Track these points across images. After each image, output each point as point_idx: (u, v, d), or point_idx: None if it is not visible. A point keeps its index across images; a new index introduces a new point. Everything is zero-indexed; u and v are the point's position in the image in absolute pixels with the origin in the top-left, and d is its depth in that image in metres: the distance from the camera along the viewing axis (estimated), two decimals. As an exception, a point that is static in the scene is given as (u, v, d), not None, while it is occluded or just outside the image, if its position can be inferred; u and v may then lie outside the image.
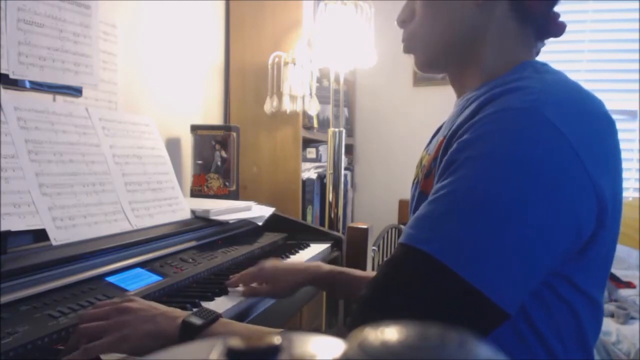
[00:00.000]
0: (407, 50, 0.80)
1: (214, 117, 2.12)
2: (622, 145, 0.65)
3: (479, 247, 0.55)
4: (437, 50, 0.76)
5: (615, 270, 2.12)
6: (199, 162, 1.70)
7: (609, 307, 2.01)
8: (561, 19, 0.75)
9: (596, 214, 0.60)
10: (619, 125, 0.65)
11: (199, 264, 1.08)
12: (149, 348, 0.64)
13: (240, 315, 0.93)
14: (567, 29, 0.75)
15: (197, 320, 0.66)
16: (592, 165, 0.58)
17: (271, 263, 1.04)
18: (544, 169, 0.56)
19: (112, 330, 0.65)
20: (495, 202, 0.56)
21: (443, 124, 0.86)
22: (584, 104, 0.62)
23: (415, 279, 0.57)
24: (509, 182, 0.56)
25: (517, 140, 0.57)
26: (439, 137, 0.73)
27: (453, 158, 0.60)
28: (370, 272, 1.10)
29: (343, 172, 2.05)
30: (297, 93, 2.01)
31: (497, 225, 0.55)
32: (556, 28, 0.73)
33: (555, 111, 0.58)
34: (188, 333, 0.65)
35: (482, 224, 0.55)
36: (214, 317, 0.68)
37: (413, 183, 0.83)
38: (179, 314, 0.69)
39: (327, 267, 1.04)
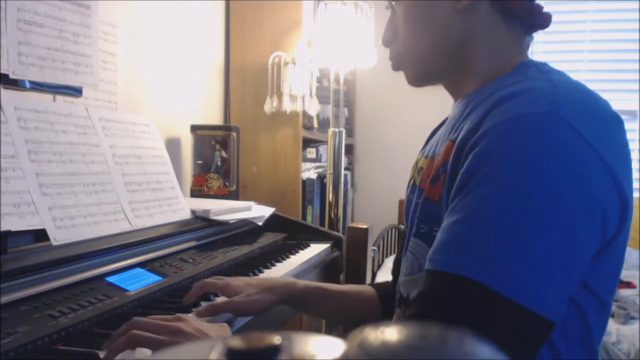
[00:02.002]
0: (397, 67, 0.80)
1: (214, 117, 2.12)
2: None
3: (517, 263, 0.54)
4: (427, 63, 0.75)
5: (615, 270, 2.12)
6: (199, 162, 1.70)
7: (609, 307, 2.01)
8: (561, 19, 0.75)
9: (619, 209, 0.59)
10: (619, 125, 0.65)
11: (199, 264, 1.08)
12: None
13: (240, 316, 0.93)
14: (567, 28, 0.75)
15: None
16: (613, 165, 0.57)
17: (238, 279, 0.91)
18: (571, 175, 0.55)
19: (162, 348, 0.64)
20: (525, 215, 0.55)
21: (438, 127, 0.86)
22: (595, 104, 0.62)
23: (459, 305, 0.56)
24: (538, 194, 0.55)
25: (540, 148, 0.56)
26: (445, 141, 0.70)
27: (473, 170, 0.58)
28: (347, 286, 1.02)
29: (343, 172, 2.05)
30: (297, 93, 2.01)
31: (531, 239, 0.54)
32: (542, 20, 0.72)
33: (572, 113, 0.57)
34: None
35: (516, 240, 0.54)
36: None
37: (408, 186, 0.81)
38: None
39: (303, 282, 0.94)
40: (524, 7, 0.70)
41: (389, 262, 2.47)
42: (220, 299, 0.88)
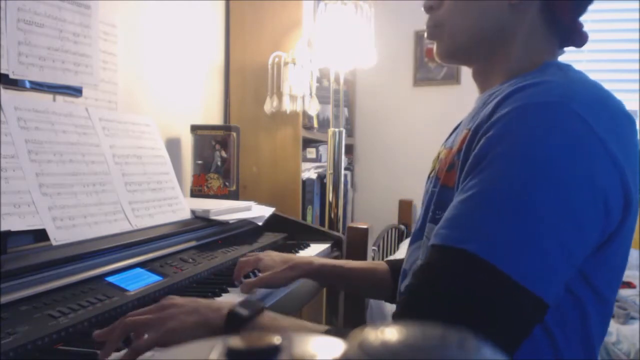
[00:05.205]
0: (432, 37, 0.80)
1: (214, 117, 2.12)
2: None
3: (516, 242, 0.56)
4: (464, 43, 0.76)
5: (615, 270, 2.12)
6: (199, 162, 1.70)
7: (609, 307, 2.01)
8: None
9: (622, 204, 0.60)
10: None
11: (199, 264, 1.08)
12: (197, 339, 0.64)
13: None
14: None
15: (243, 311, 0.66)
16: (620, 159, 0.59)
17: (268, 255, 1.05)
18: (576, 162, 0.57)
19: (159, 324, 0.65)
20: (529, 196, 0.56)
21: (463, 120, 0.86)
22: (608, 101, 0.63)
23: (458, 279, 0.57)
24: (542, 177, 0.57)
25: (547, 134, 0.58)
26: (462, 130, 0.72)
27: (482, 153, 0.60)
28: (362, 263, 1.10)
29: (343, 172, 2.05)
30: (297, 93, 2.01)
31: (532, 220, 0.56)
32: (579, 37, 0.75)
33: (582, 105, 0.59)
34: (234, 323, 0.65)
35: (518, 220, 0.56)
36: (260, 308, 0.68)
37: (429, 177, 0.83)
38: (223, 304, 0.69)
39: (319, 262, 1.03)
40: (569, 19, 0.73)
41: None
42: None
